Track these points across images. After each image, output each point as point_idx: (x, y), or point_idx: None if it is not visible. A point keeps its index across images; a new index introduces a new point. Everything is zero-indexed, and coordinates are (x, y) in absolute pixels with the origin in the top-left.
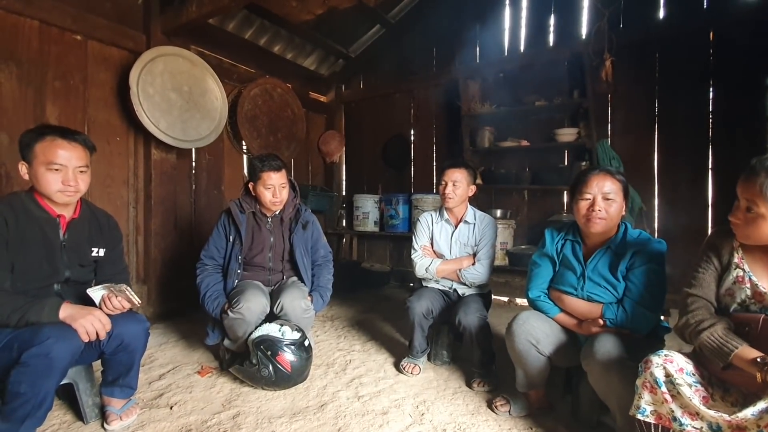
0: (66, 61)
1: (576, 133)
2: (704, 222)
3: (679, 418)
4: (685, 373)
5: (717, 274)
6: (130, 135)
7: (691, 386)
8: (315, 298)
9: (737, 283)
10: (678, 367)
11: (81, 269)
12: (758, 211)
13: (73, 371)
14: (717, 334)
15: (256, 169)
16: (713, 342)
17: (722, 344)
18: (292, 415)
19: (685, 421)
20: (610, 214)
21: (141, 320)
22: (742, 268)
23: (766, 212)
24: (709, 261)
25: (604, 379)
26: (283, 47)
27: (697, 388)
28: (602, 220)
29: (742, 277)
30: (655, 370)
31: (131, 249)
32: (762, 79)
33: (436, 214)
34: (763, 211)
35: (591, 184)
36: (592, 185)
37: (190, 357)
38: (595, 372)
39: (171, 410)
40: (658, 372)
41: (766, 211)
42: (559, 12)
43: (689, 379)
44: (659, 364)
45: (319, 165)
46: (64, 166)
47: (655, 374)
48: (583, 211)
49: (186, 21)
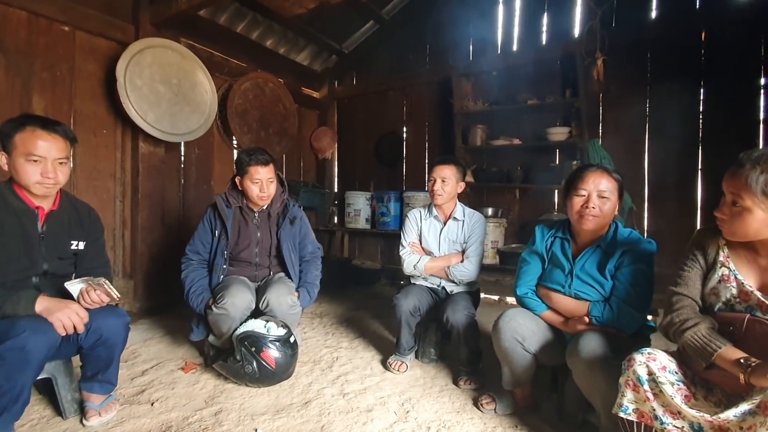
0: (54, 51)
1: (568, 133)
2: (694, 222)
3: (661, 416)
4: (667, 371)
5: (702, 273)
6: (118, 127)
7: (674, 385)
8: (302, 294)
9: (722, 282)
10: (661, 366)
11: (60, 262)
12: (744, 205)
13: (52, 366)
14: (700, 334)
15: (243, 163)
16: (697, 341)
17: (705, 344)
18: (276, 412)
19: (667, 419)
20: (603, 212)
21: (121, 315)
22: (728, 266)
23: (752, 205)
24: (695, 260)
25: (589, 377)
26: (276, 42)
27: (679, 386)
28: (595, 217)
29: (728, 275)
30: (638, 368)
31: (117, 243)
32: (753, 80)
33: (425, 211)
34: (748, 204)
35: (587, 181)
36: (588, 182)
37: (175, 353)
38: (580, 370)
39: (152, 406)
40: (641, 370)
41: (752, 204)
42: (552, 11)
43: (672, 377)
44: (642, 362)
45: (311, 161)
46: (43, 157)
47: (638, 372)
48: (576, 207)
49: (176, 12)
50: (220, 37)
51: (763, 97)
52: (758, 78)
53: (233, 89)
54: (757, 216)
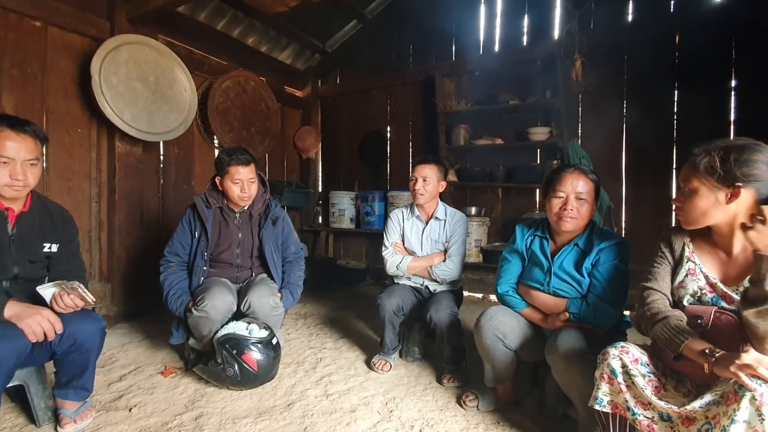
0: (24, 47)
1: (548, 132)
2: (669, 220)
3: (633, 407)
4: (639, 363)
5: (671, 268)
6: (93, 126)
7: (645, 377)
8: (285, 295)
9: (689, 276)
10: (633, 358)
11: (31, 265)
12: (691, 187)
13: (24, 373)
14: (669, 326)
15: (224, 163)
16: (665, 333)
17: (673, 336)
18: (258, 415)
19: (638, 410)
20: (581, 214)
21: (96, 319)
22: (693, 260)
23: (698, 185)
24: (663, 256)
25: (566, 372)
26: (258, 40)
27: (650, 378)
28: (573, 219)
29: (694, 269)
30: (612, 361)
31: (93, 245)
32: (725, 82)
33: (407, 211)
34: (695, 185)
35: (565, 183)
36: (565, 183)
37: (154, 357)
38: (558, 365)
39: (130, 412)
40: (615, 363)
41: (698, 184)
42: (533, 13)
43: (643, 369)
44: (616, 356)
45: (295, 161)
46: (12, 158)
47: (612, 365)
48: (555, 209)
49: (153, 9)
50: (199, 35)
51: (733, 98)
52: (729, 80)
53: (214, 87)
54: (702, 195)
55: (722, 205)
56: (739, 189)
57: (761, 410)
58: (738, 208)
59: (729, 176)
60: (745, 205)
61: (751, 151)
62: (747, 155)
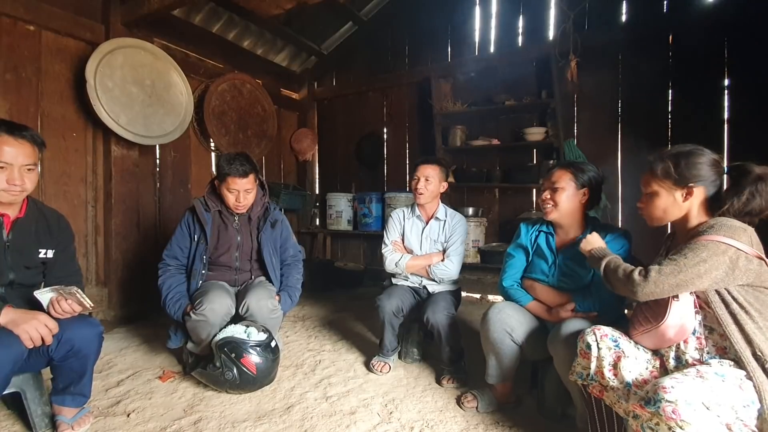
0: (18, 52)
1: (544, 133)
2: None
3: (607, 373)
4: (608, 338)
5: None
6: (88, 130)
7: (611, 349)
8: (283, 298)
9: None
10: (603, 334)
11: (27, 271)
12: (652, 190)
13: (20, 379)
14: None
15: (222, 170)
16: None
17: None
18: (257, 418)
19: (609, 375)
20: (555, 200)
21: (93, 324)
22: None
23: (657, 188)
24: (660, 255)
25: (568, 361)
26: (253, 42)
27: (615, 350)
28: (549, 206)
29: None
30: (587, 336)
31: (90, 250)
32: (718, 81)
33: (408, 210)
34: (656, 188)
35: (548, 177)
36: (548, 179)
37: (152, 362)
38: (560, 354)
39: (128, 418)
40: (590, 338)
41: (657, 187)
42: (528, 13)
43: (611, 343)
44: (590, 332)
45: (292, 163)
46: (9, 164)
47: (587, 340)
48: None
49: (148, 12)
50: (195, 38)
51: (727, 97)
52: (722, 79)
53: (210, 90)
54: (662, 196)
55: (679, 203)
56: (692, 188)
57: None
58: (691, 204)
59: (682, 178)
60: (697, 202)
61: (697, 155)
62: (693, 159)
